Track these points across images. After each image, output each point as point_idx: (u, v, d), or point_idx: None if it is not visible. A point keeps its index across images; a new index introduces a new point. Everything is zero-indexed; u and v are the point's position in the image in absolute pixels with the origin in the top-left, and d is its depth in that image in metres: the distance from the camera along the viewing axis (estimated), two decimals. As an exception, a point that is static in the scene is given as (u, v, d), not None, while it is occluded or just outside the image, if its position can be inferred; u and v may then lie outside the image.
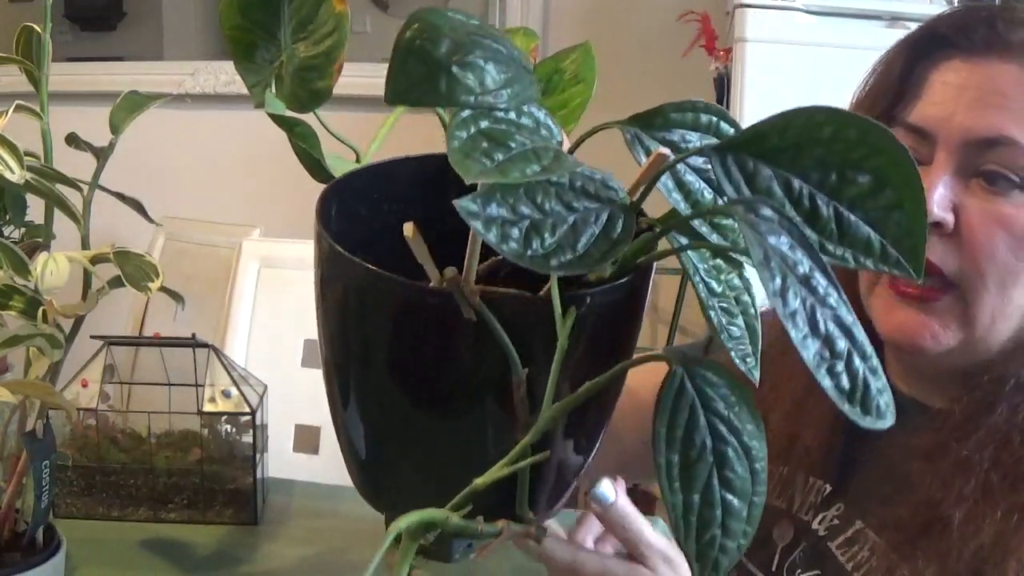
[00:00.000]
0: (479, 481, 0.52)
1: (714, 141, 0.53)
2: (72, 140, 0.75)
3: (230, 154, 2.66)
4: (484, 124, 0.48)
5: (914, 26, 0.88)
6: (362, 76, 2.48)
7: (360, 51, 3.18)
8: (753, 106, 1.93)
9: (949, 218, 0.78)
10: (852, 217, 0.49)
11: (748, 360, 0.53)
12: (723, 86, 2.07)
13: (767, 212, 0.47)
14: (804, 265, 0.46)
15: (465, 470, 0.56)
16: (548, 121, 0.51)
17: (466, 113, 0.48)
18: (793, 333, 0.44)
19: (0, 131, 0.69)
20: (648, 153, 0.52)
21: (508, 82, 0.49)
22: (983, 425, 0.78)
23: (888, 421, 0.47)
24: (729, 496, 0.47)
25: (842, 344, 0.46)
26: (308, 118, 0.62)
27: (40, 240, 0.77)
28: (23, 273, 0.70)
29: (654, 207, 0.55)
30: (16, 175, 0.68)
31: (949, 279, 0.79)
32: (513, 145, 0.47)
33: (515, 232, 0.46)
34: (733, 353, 0.52)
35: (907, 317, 0.80)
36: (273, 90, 0.64)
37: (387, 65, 0.48)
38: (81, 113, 1.28)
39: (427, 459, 0.60)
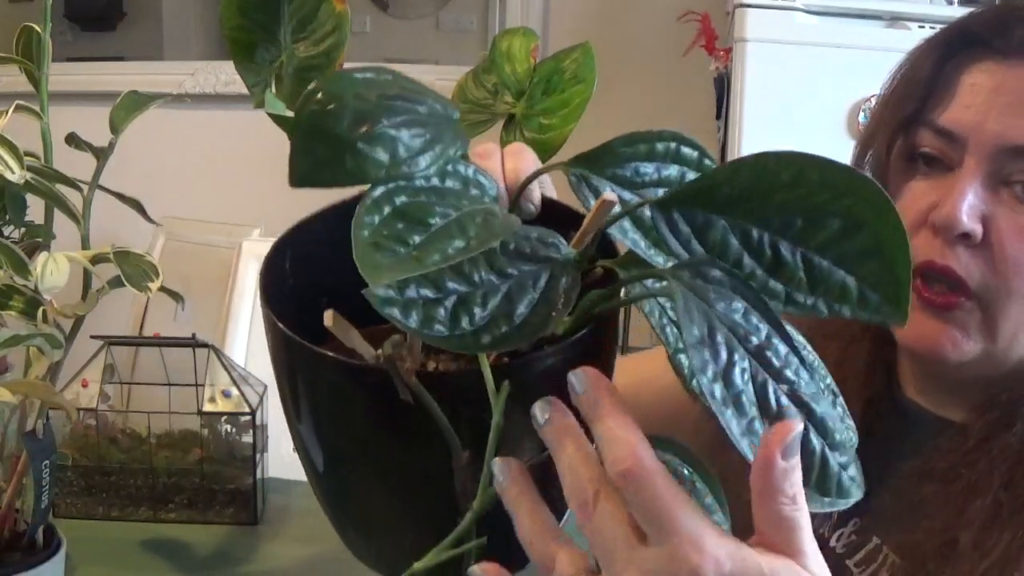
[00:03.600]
0: (418, 566, 0.48)
1: (673, 168, 0.49)
2: (72, 140, 0.75)
3: (230, 154, 2.65)
4: (401, 200, 0.44)
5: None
6: (362, 76, 2.50)
7: (360, 51, 3.18)
8: (753, 106, 1.93)
9: (978, 229, 0.74)
10: (823, 262, 0.44)
11: None
12: (723, 86, 2.07)
13: (716, 274, 0.43)
14: (760, 333, 0.42)
15: (417, 519, 0.54)
16: (479, 177, 0.47)
17: (379, 191, 0.43)
18: (734, 424, 0.41)
19: (0, 131, 0.69)
20: (597, 195, 0.47)
21: (427, 145, 0.45)
22: (996, 445, 0.75)
23: (855, 497, 0.44)
24: None
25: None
26: (308, 118, 0.62)
27: (40, 240, 0.77)
28: (23, 273, 0.70)
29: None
30: (16, 175, 0.68)
31: (972, 290, 0.75)
32: (433, 221, 0.43)
33: (440, 312, 0.40)
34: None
35: (927, 326, 0.77)
36: (273, 90, 0.64)
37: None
38: (81, 113, 1.28)
39: (374, 501, 0.57)
